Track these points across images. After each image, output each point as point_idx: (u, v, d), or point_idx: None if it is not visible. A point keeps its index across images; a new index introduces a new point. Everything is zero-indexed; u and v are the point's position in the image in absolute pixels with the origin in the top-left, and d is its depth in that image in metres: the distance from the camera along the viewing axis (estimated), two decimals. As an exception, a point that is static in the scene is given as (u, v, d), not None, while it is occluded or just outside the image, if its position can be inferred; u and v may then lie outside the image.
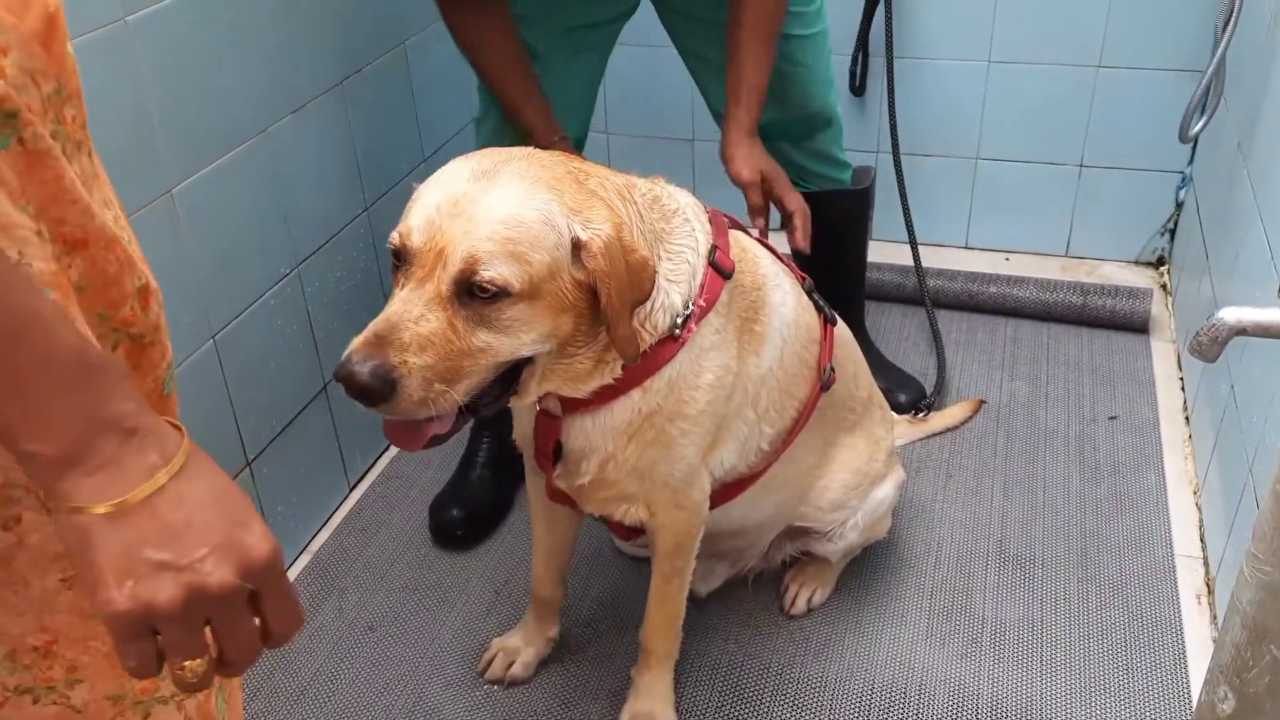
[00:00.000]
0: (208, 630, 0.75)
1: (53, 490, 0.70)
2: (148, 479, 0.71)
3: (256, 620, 0.77)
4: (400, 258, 1.30)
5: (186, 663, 0.74)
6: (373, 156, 2.34)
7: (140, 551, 0.70)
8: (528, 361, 1.37)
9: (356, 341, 1.26)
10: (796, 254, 2.30)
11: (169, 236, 1.77)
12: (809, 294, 1.75)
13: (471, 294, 1.26)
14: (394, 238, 1.30)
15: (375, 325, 1.26)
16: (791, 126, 2.21)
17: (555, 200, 1.30)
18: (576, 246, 1.30)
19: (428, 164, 2.55)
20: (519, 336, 1.31)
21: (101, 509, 0.70)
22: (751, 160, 1.99)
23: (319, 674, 1.97)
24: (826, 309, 1.78)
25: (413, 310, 1.26)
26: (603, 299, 1.32)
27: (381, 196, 2.38)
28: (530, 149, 1.39)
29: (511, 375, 1.38)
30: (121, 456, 0.70)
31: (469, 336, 1.27)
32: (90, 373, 0.69)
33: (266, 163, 2.00)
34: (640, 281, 1.36)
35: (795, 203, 2.02)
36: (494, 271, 1.25)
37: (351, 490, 2.41)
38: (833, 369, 1.75)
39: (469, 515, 2.24)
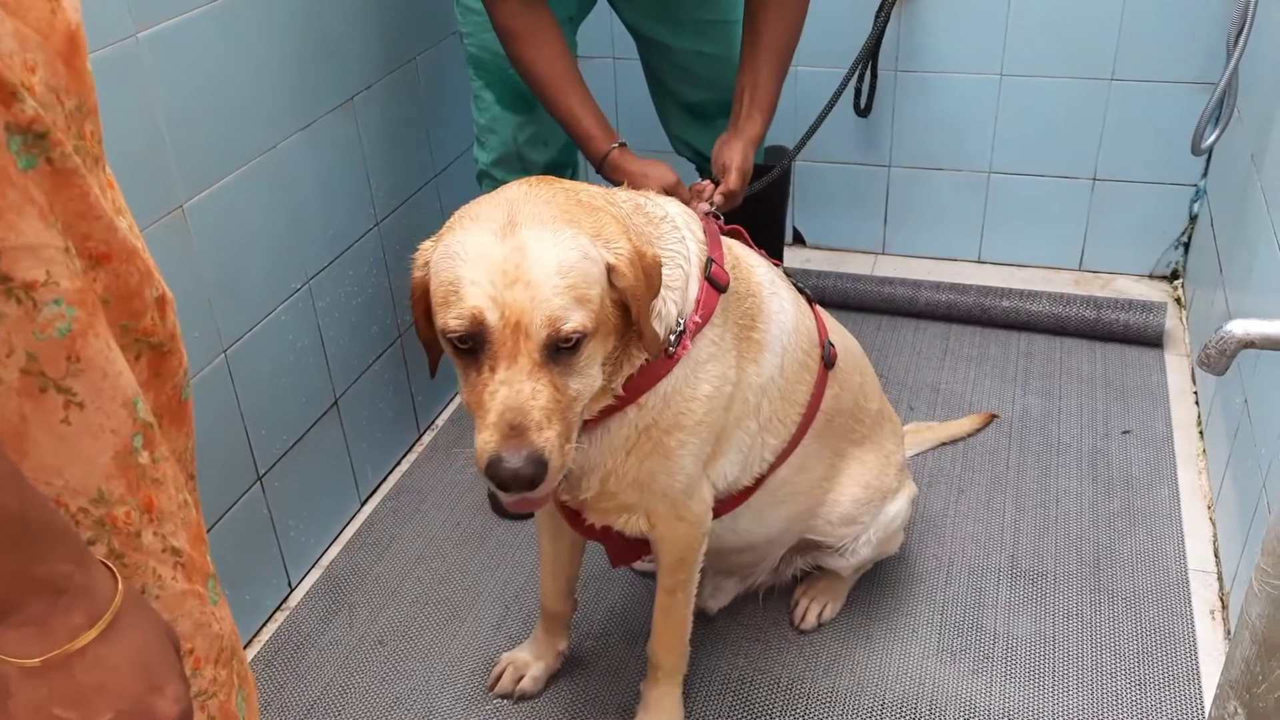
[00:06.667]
0: None
1: None
2: (69, 640, 0.73)
3: None
4: (466, 341, 1.29)
5: None
6: (383, 173, 2.35)
7: (49, 709, 0.73)
8: None
9: (492, 442, 1.27)
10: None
11: (180, 251, 1.78)
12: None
13: (558, 349, 1.29)
14: (458, 324, 1.28)
15: (503, 416, 1.27)
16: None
17: (580, 233, 1.32)
18: (608, 269, 1.33)
19: (438, 180, 2.56)
20: (592, 372, 1.36)
21: (21, 663, 0.72)
22: (745, 168, 2.00)
23: (329, 688, 1.97)
24: (802, 288, 1.79)
25: (524, 388, 1.28)
26: (634, 311, 1.36)
27: (392, 213, 2.39)
28: (516, 185, 1.39)
29: None
30: (47, 616, 0.72)
31: (566, 390, 1.32)
32: (26, 534, 0.71)
33: (277, 178, 2.01)
34: (655, 280, 1.41)
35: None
36: (574, 322, 1.28)
37: (363, 505, 2.42)
38: (832, 344, 1.78)
39: None
